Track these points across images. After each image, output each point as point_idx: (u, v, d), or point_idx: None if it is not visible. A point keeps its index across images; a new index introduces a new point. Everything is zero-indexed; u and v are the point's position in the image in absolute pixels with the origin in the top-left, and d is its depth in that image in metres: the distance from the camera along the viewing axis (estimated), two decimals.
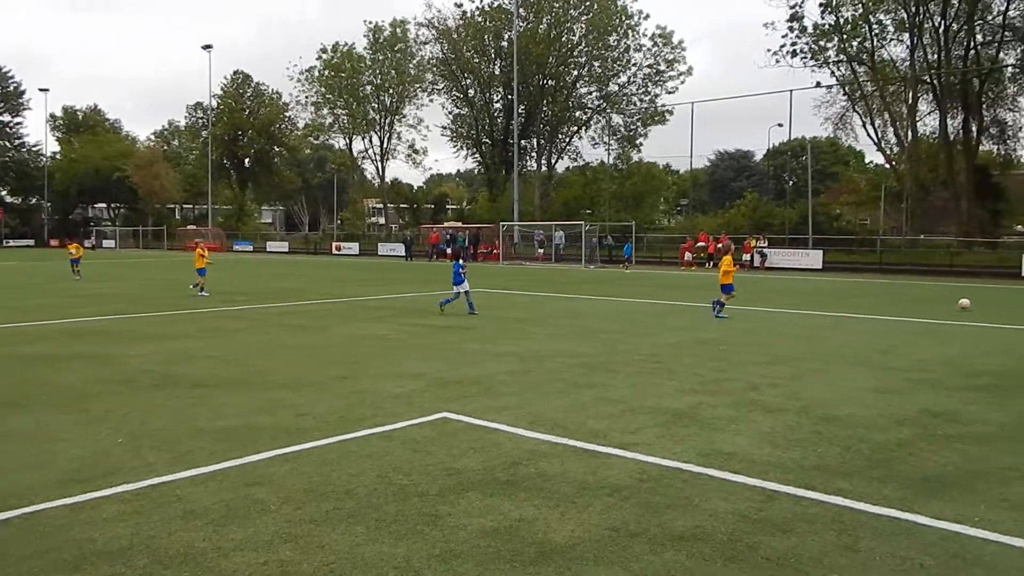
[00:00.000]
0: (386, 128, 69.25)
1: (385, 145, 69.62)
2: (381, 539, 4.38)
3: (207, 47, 66.90)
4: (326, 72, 68.19)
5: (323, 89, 68.94)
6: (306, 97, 70.65)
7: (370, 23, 67.82)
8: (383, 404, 7.67)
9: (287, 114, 78.07)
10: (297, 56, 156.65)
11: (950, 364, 10.15)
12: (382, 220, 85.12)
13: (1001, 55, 42.16)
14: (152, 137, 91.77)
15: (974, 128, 42.88)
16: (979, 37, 41.70)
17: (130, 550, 4.23)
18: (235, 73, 79.01)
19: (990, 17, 41.25)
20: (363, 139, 70.75)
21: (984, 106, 42.69)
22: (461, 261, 17.46)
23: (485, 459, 5.87)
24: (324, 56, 68.14)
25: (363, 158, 73.73)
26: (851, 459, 5.92)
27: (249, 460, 5.82)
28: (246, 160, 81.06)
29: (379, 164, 70.98)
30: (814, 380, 9.03)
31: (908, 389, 8.55)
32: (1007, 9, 40.29)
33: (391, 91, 67.86)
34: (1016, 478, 5.51)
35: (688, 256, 39.48)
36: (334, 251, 59.12)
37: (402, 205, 78.17)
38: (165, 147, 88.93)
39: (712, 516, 4.74)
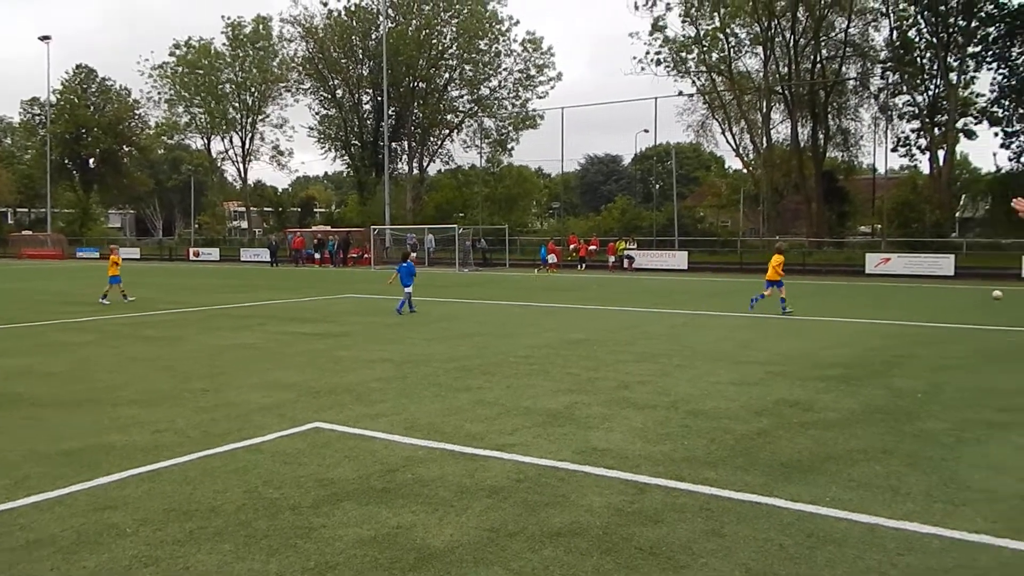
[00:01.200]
0: (248, 128, 66.96)
1: (247, 146, 67.34)
2: (252, 556, 4.19)
3: (45, 38, 61.92)
4: (180, 68, 65.13)
5: (178, 86, 65.79)
6: (159, 94, 67.31)
7: (228, 19, 65.60)
8: (250, 416, 7.35)
9: (137, 112, 73.80)
10: (148, 51, 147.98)
11: (803, 357, 10.77)
12: (244, 224, 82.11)
13: (844, 69, 45.98)
14: None
15: (821, 136, 46.41)
16: (824, 52, 45.38)
17: None
18: (78, 67, 73.97)
19: (833, 34, 45.13)
20: (223, 139, 68.18)
21: (830, 116, 46.30)
22: (413, 262, 16.82)
23: (360, 468, 5.74)
24: (179, 52, 65.12)
25: (223, 159, 71.02)
26: (716, 450, 6.17)
27: (99, 483, 5.40)
28: (91, 160, 75.93)
29: (241, 166, 68.56)
30: (680, 376, 9.36)
31: (766, 381, 9.00)
32: (848, 27, 44.29)
33: (253, 90, 65.62)
34: (862, 459, 5.90)
35: (552, 259, 36.96)
36: (192, 257, 56.22)
37: (266, 208, 75.76)
38: None
39: (588, 511, 4.82)
